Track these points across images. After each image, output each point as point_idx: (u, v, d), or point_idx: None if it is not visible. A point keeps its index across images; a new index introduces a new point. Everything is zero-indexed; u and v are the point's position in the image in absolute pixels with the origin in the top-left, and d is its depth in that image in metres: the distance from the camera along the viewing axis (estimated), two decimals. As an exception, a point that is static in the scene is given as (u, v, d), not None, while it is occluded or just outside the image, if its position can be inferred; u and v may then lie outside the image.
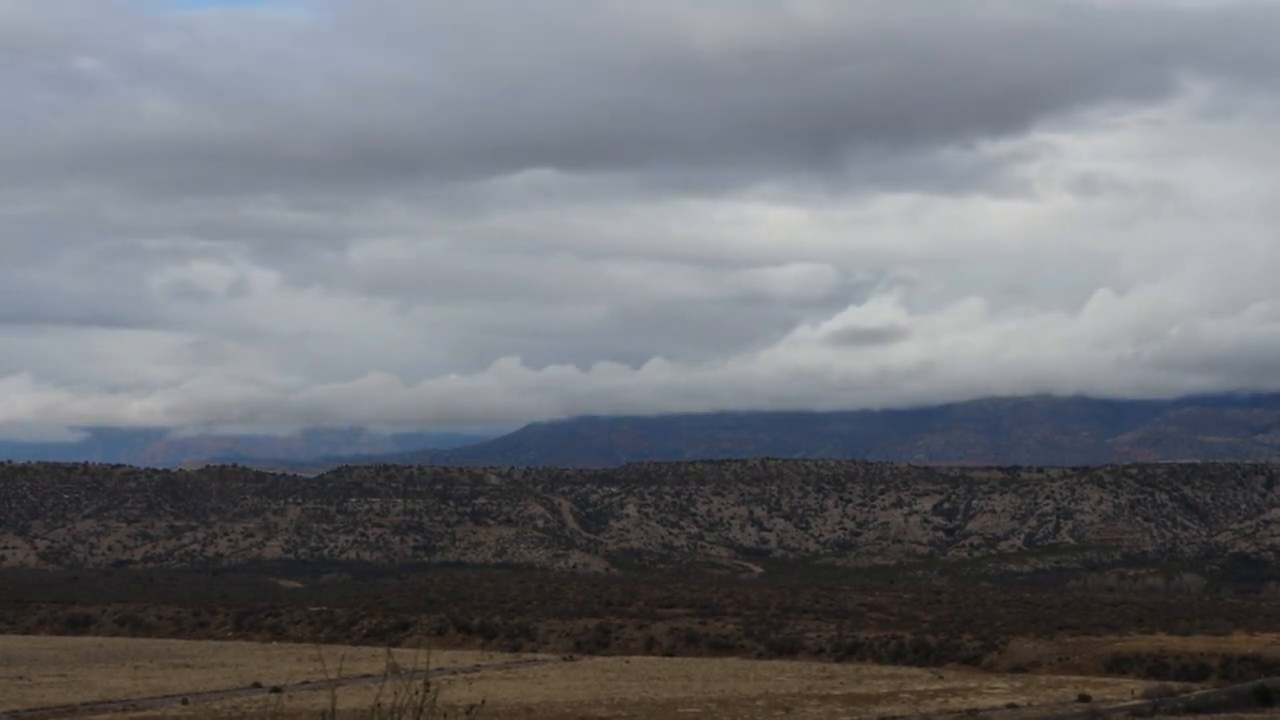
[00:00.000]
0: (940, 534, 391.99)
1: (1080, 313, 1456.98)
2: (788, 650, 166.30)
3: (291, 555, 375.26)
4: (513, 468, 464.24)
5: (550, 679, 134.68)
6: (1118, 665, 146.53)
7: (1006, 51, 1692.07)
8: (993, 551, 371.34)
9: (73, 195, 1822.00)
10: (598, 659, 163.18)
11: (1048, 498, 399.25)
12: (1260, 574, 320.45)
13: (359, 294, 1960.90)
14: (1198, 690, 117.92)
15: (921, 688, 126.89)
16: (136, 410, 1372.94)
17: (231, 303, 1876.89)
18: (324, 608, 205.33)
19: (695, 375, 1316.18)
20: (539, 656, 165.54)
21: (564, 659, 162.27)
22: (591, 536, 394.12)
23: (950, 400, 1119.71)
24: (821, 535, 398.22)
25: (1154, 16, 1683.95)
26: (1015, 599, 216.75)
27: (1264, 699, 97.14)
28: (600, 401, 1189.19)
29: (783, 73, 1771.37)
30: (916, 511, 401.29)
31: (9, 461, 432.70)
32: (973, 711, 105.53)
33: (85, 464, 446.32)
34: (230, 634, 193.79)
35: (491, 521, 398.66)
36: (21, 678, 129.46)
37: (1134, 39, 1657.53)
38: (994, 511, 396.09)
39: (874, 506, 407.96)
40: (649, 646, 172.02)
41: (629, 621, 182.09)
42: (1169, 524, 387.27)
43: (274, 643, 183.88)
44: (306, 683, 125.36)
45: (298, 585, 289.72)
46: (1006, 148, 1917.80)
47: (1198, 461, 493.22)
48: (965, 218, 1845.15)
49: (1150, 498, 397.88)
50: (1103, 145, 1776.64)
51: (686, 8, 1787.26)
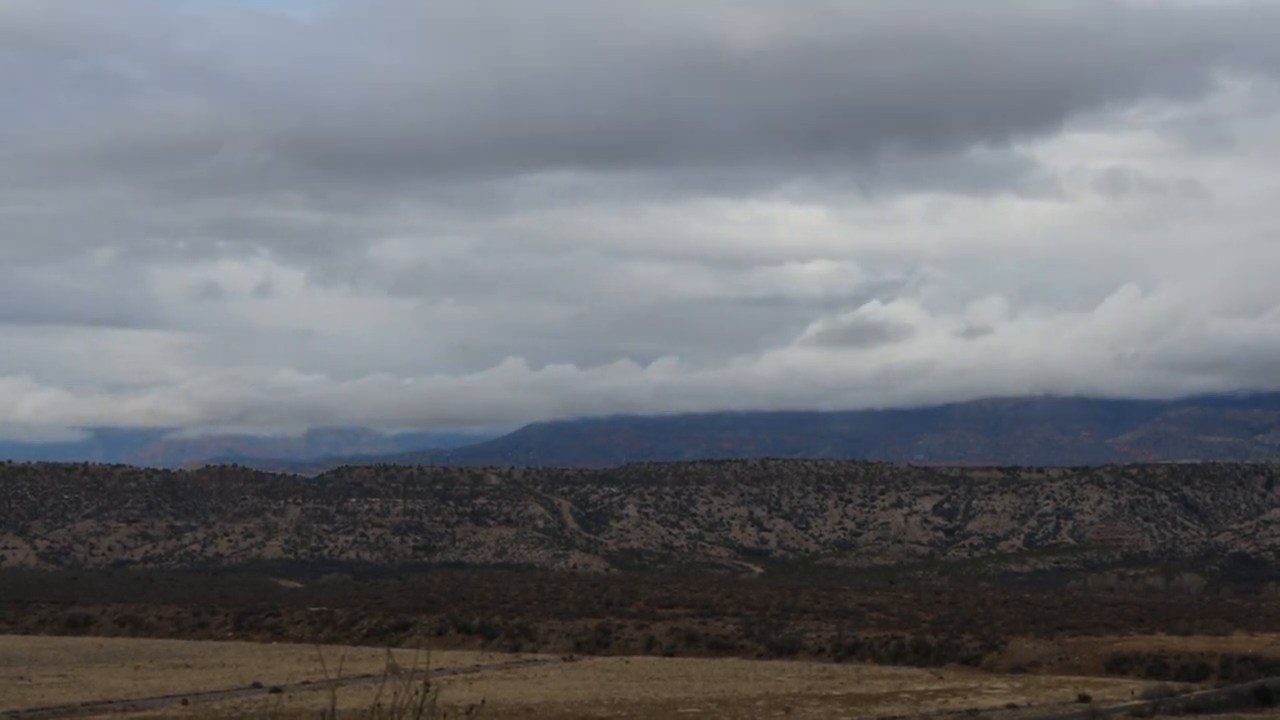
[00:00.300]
0: (940, 534, 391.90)
1: (1095, 312, 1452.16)
2: (788, 650, 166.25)
3: (291, 555, 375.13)
4: (513, 468, 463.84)
5: (550, 679, 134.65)
6: (1118, 665, 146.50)
7: (1039, 49, 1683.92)
8: (993, 551, 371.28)
9: (73, 195, 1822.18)
10: (598, 659, 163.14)
11: (1048, 498, 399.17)
12: (1260, 574, 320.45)
13: (363, 294, 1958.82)
14: (1198, 690, 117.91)
15: (921, 688, 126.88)
16: (137, 410, 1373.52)
17: (232, 303, 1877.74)
18: (324, 608, 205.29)
19: (696, 375, 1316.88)
20: (539, 657, 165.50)
21: (564, 659, 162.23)
22: (591, 536, 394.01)
23: (950, 400, 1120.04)
24: (821, 535, 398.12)
25: (1189, 14, 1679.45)
26: (1015, 599, 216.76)
27: (1264, 699, 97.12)
28: (600, 401, 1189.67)
29: (813, 69, 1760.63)
30: (916, 511, 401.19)
31: (9, 461, 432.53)
32: (973, 712, 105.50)
33: (85, 464, 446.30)
34: (230, 634, 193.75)
35: (491, 522, 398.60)
36: (21, 678, 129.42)
37: (1170, 36, 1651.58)
38: (994, 511, 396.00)
39: (874, 506, 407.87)
40: (649, 647, 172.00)
41: (629, 621, 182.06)
42: (1169, 524, 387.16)
43: (274, 643, 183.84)
44: (306, 683, 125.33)
45: (298, 585, 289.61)
46: (1037, 146, 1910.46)
47: (1198, 461, 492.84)
48: (990, 217, 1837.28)
49: (1150, 498, 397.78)
50: (1133, 143, 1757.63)
51: (720, 3, 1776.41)
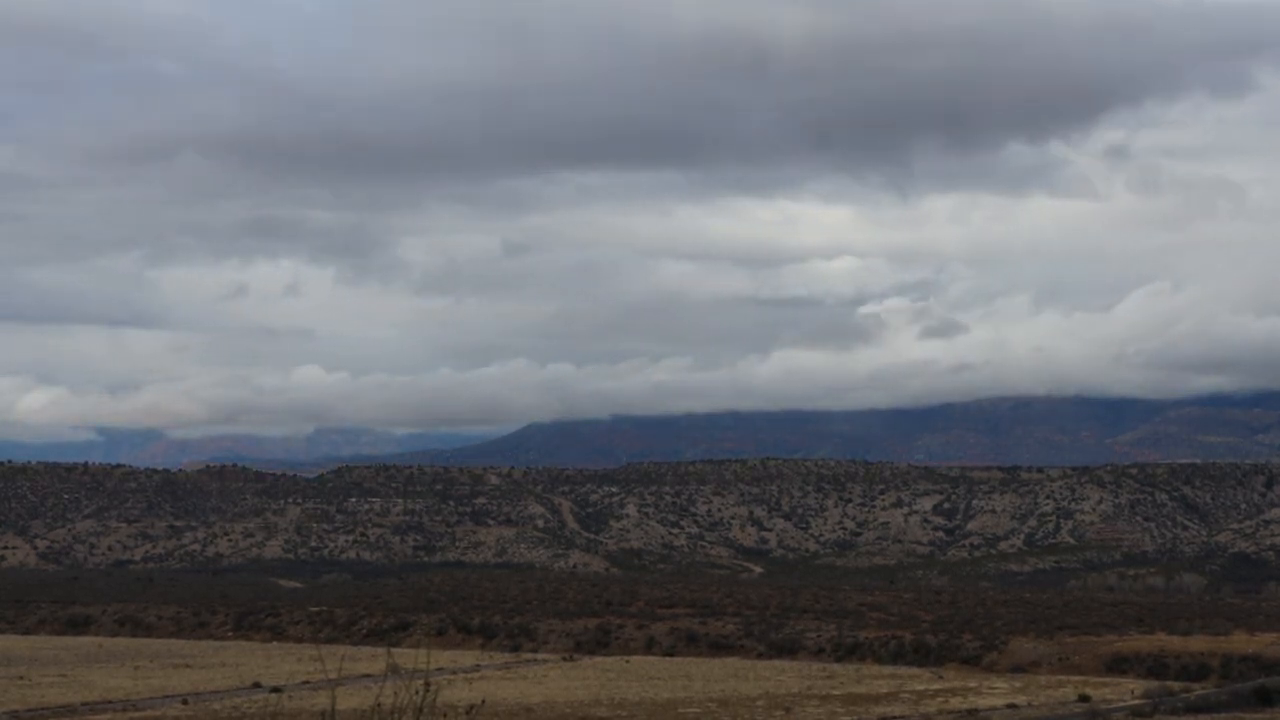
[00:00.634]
0: (940, 534, 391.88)
1: (1112, 313, 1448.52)
2: (788, 650, 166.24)
3: (291, 555, 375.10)
4: (513, 468, 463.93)
5: (550, 679, 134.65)
6: (1118, 665, 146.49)
7: (1077, 46, 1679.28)
8: (993, 551, 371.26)
9: (75, 197, 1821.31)
10: (598, 659, 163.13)
11: (1048, 498, 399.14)
12: (1260, 574, 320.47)
13: (369, 294, 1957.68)
14: (1198, 690, 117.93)
15: (921, 688, 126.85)
16: (138, 410, 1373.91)
17: (232, 303, 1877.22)
18: (324, 608, 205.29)
19: (697, 375, 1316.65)
20: (539, 656, 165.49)
21: (564, 659, 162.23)
22: (591, 536, 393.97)
23: (950, 400, 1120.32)
24: (821, 535, 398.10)
25: (1229, 12, 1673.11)
26: (1015, 599, 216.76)
27: (1264, 699, 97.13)
28: (600, 401, 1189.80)
29: (848, 66, 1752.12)
30: (916, 511, 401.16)
31: (9, 461, 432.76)
32: (973, 711, 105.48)
33: (85, 464, 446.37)
34: (230, 634, 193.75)
35: (491, 521, 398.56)
36: (21, 678, 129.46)
37: (1210, 34, 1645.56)
38: (994, 511, 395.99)
39: (874, 506, 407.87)
40: (649, 646, 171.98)
41: (629, 621, 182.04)
42: (1169, 524, 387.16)
43: (274, 643, 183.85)
44: (306, 683, 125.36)
45: (298, 585, 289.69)
46: (1072, 145, 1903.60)
47: (1198, 461, 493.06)
48: (1020, 216, 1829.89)
49: (1150, 498, 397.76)
50: (1170, 141, 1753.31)
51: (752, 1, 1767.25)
